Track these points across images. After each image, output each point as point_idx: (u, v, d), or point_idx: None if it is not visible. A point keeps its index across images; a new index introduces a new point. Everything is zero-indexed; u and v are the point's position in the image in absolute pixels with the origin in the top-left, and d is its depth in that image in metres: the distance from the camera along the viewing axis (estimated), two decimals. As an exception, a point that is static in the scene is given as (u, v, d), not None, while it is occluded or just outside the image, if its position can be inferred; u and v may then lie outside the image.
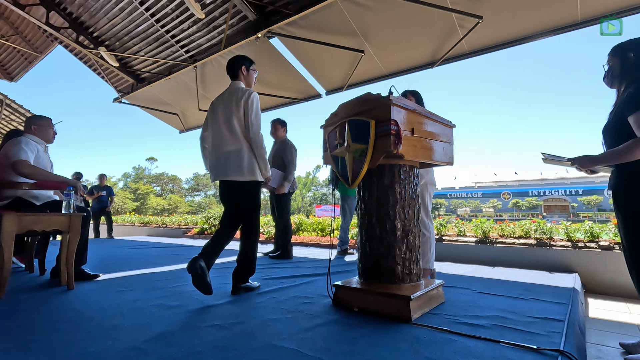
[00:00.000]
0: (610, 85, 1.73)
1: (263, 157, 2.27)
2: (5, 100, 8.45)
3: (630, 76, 1.58)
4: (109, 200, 7.59)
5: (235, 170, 2.23)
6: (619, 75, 1.64)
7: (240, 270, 2.25)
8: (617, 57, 1.65)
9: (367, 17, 3.89)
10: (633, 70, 1.57)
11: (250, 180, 2.25)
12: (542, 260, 3.54)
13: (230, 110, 2.27)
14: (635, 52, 1.59)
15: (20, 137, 2.38)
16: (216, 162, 2.31)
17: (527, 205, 42.35)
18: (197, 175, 56.49)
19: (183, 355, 1.21)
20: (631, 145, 1.45)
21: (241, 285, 2.26)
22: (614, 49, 1.68)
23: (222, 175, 2.26)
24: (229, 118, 2.26)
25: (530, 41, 3.65)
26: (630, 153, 1.45)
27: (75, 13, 5.60)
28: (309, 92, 5.44)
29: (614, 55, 1.67)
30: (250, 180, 2.25)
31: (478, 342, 1.37)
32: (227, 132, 2.26)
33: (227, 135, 2.26)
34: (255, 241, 2.31)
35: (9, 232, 2.02)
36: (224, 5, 4.66)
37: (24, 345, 1.29)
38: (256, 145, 2.25)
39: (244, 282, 2.28)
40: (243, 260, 2.27)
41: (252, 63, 2.53)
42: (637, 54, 1.59)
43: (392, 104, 1.69)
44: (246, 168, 2.23)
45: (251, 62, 2.52)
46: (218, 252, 2.16)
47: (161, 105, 6.92)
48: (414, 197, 1.91)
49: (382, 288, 1.76)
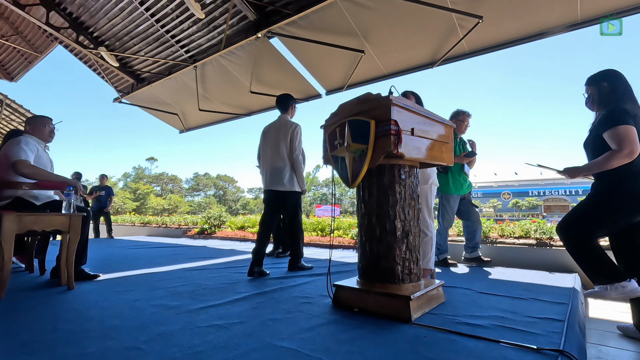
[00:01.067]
0: (592, 109, 2.04)
1: (301, 174, 3.04)
2: (5, 100, 8.45)
3: (605, 102, 1.92)
4: (108, 200, 7.59)
5: (278, 183, 2.98)
6: (597, 101, 1.97)
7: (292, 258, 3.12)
8: (594, 87, 1.98)
9: (367, 17, 3.89)
10: (607, 97, 1.91)
11: (290, 191, 3.01)
12: (542, 260, 3.54)
13: (279, 137, 3.03)
14: (608, 82, 1.93)
15: (19, 137, 2.38)
16: (266, 175, 3.05)
17: (527, 205, 42.33)
18: (197, 175, 56.49)
19: (183, 355, 1.21)
20: (607, 157, 1.77)
21: (296, 265, 3.11)
22: (590, 79, 2.01)
23: (269, 185, 3.01)
24: (278, 142, 3.02)
25: (530, 41, 3.65)
26: (607, 163, 1.76)
27: (75, 13, 5.60)
28: (309, 92, 5.45)
29: (591, 85, 2.00)
30: (290, 191, 3.01)
31: (478, 342, 1.37)
32: (276, 153, 3.00)
33: (276, 156, 3.00)
34: (297, 235, 3.10)
35: (9, 232, 2.02)
36: (224, 5, 4.67)
37: (24, 345, 1.29)
38: (296, 165, 3.01)
39: (296, 263, 3.11)
40: (292, 249, 3.12)
41: (295, 100, 3.28)
42: (609, 83, 1.92)
43: (392, 104, 1.69)
44: (287, 182, 2.99)
45: (295, 100, 3.28)
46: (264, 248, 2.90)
47: (161, 105, 6.92)
48: (414, 197, 1.91)
49: (382, 288, 1.76)
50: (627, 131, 1.71)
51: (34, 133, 2.53)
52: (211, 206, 44.65)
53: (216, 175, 57.23)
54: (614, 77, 1.94)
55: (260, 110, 6.33)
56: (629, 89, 1.90)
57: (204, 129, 7.57)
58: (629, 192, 1.76)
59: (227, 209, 46.81)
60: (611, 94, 1.90)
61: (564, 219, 1.96)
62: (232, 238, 6.78)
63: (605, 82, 1.94)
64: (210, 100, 6.23)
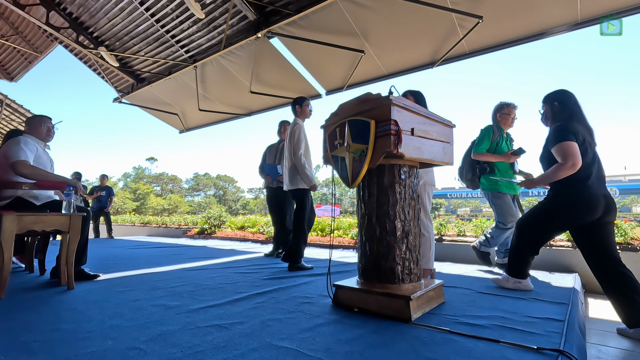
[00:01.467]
0: (546, 125, 2.29)
1: (303, 171, 3.09)
2: (5, 100, 8.46)
3: (556, 119, 2.18)
4: (108, 200, 7.59)
5: (284, 183, 3.27)
6: (550, 118, 2.23)
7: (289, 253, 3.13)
8: (547, 105, 2.24)
9: (367, 17, 3.89)
10: (558, 115, 2.17)
11: (293, 189, 3.18)
12: (542, 260, 3.54)
13: (288, 140, 3.22)
14: (559, 101, 2.17)
15: (19, 137, 2.38)
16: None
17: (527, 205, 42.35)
18: (197, 175, 56.51)
19: (183, 355, 1.21)
20: (555, 169, 2.03)
21: (296, 265, 3.08)
22: (545, 98, 2.26)
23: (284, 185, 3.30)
24: (287, 145, 3.23)
25: (530, 41, 3.65)
26: (555, 174, 2.03)
27: (75, 13, 5.60)
28: (309, 92, 5.44)
29: (545, 103, 2.26)
30: (293, 189, 3.18)
31: (478, 342, 1.37)
32: (287, 155, 3.22)
33: (286, 158, 3.24)
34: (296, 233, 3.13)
35: (9, 232, 2.02)
36: (224, 5, 4.67)
37: (24, 345, 1.29)
38: (297, 162, 3.10)
39: (296, 263, 3.08)
40: (291, 246, 3.14)
41: (304, 100, 3.34)
42: (559, 103, 2.16)
43: (392, 104, 1.69)
44: (290, 180, 3.18)
45: (304, 99, 3.34)
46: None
47: (161, 105, 6.92)
48: (414, 197, 1.91)
49: (382, 288, 1.76)
50: (568, 147, 1.98)
51: (32, 133, 2.53)
52: (211, 206, 44.65)
53: (216, 175, 57.25)
54: (565, 96, 2.18)
55: (260, 110, 6.33)
56: (577, 108, 2.14)
57: (204, 129, 7.57)
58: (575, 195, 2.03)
59: (227, 209, 46.82)
60: (560, 112, 2.16)
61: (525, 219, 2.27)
62: (232, 238, 6.78)
63: (556, 102, 2.19)
64: (210, 100, 6.23)
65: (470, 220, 6.51)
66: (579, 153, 1.98)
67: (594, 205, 1.97)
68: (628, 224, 3.53)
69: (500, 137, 3.15)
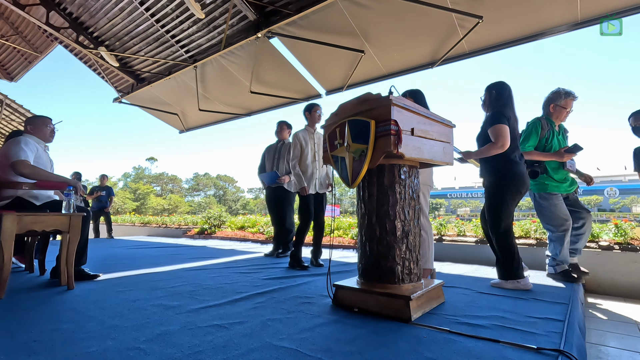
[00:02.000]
0: (484, 110, 2.62)
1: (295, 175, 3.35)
2: (5, 100, 8.45)
3: (492, 105, 2.53)
4: (108, 200, 7.59)
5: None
6: (487, 104, 2.57)
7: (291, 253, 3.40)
8: (487, 93, 2.58)
9: (367, 17, 3.89)
10: (493, 102, 2.52)
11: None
12: (542, 260, 3.53)
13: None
14: (496, 90, 2.51)
15: (19, 137, 2.38)
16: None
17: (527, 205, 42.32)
18: (197, 175, 56.51)
19: (183, 355, 1.21)
20: (487, 147, 2.40)
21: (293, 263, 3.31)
22: (486, 87, 2.58)
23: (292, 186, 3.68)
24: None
25: (530, 41, 3.65)
26: (487, 151, 2.39)
27: (75, 13, 5.60)
28: (309, 92, 5.45)
29: (486, 91, 2.59)
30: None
31: (478, 342, 1.37)
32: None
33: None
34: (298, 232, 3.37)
35: (9, 232, 2.02)
36: (224, 5, 4.66)
37: (24, 345, 1.29)
38: (292, 170, 3.38)
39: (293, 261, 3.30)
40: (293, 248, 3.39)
41: (314, 106, 3.46)
42: (496, 92, 2.51)
43: (392, 104, 1.69)
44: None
45: (314, 105, 3.46)
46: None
47: (161, 105, 6.92)
48: (414, 197, 1.91)
49: (382, 288, 1.76)
50: (501, 129, 2.33)
51: (35, 133, 2.53)
52: (211, 206, 44.65)
53: (216, 175, 57.26)
54: (501, 87, 2.50)
55: (260, 110, 6.33)
56: (510, 99, 2.49)
57: (204, 129, 7.57)
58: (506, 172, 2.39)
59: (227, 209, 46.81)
60: (497, 100, 2.49)
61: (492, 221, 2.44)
62: (232, 238, 6.78)
63: (494, 90, 2.52)
64: (210, 100, 6.23)
65: (470, 220, 6.51)
66: (508, 135, 2.33)
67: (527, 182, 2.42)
68: (628, 224, 3.53)
69: (551, 132, 2.77)
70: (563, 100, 2.75)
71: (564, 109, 2.76)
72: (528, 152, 2.76)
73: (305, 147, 3.37)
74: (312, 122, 3.46)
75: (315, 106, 3.45)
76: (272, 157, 4.20)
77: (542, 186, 2.78)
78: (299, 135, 3.40)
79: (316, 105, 3.46)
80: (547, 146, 2.78)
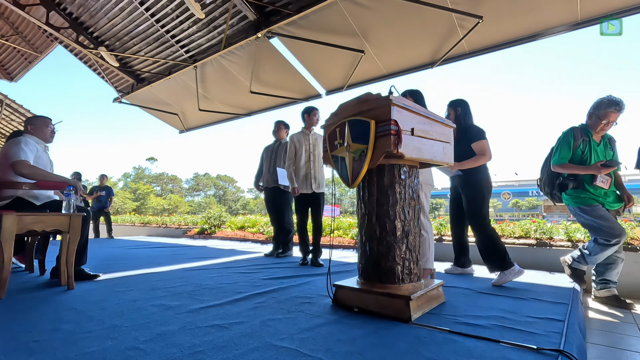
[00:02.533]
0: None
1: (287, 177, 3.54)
2: (5, 100, 8.45)
3: (460, 121, 2.87)
4: (108, 200, 7.59)
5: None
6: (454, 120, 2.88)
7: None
8: (452, 109, 2.93)
9: (367, 17, 3.89)
10: (460, 118, 2.88)
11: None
12: (542, 260, 3.54)
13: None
14: (462, 107, 2.89)
15: (19, 137, 2.38)
16: None
17: (527, 205, 42.35)
18: (197, 175, 56.50)
19: (183, 355, 1.21)
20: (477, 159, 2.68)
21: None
22: (450, 104, 2.97)
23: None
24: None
25: (530, 41, 3.65)
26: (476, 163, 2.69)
27: (75, 13, 5.60)
28: (309, 92, 5.45)
29: (450, 107, 2.95)
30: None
31: (478, 342, 1.37)
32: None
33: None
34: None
35: (9, 232, 2.02)
36: (224, 5, 4.66)
37: (24, 345, 1.29)
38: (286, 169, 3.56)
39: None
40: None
41: (312, 110, 3.58)
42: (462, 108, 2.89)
43: (392, 104, 1.69)
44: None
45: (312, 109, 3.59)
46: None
47: (161, 105, 6.92)
48: (414, 197, 1.91)
49: (382, 288, 1.76)
50: (486, 144, 2.71)
51: (36, 133, 2.54)
52: (211, 206, 44.65)
53: (216, 175, 57.25)
54: (464, 105, 2.89)
55: (260, 110, 6.33)
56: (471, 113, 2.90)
57: (204, 129, 7.57)
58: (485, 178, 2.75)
59: (227, 209, 46.81)
60: (464, 117, 2.87)
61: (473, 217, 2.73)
62: (232, 238, 6.77)
63: (459, 107, 2.89)
64: (210, 100, 6.23)
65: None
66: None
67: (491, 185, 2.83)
68: (628, 224, 3.53)
69: (587, 143, 2.54)
70: (602, 110, 2.47)
71: (601, 121, 2.48)
72: (561, 164, 2.58)
73: (300, 148, 3.49)
74: (309, 124, 3.57)
75: (314, 109, 3.56)
76: (269, 157, 4.20)
77: (579, 199, 2.56)
78: (293, 138, 3.53)
79: (315, 109, 3.57)
80: (584, 157, 2.53)
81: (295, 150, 3.52)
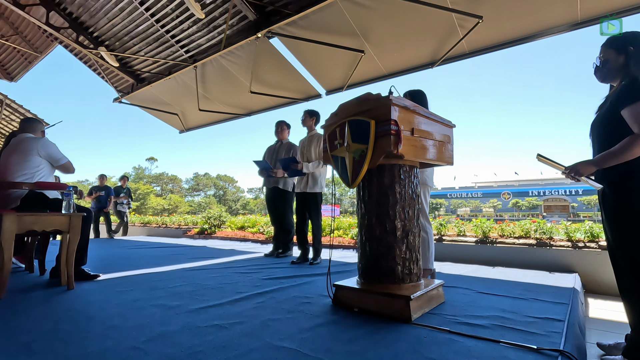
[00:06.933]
0: (603, 79, 1.59)
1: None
2: (5, 100, 8.45)
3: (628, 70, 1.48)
4: (107, 200, 7.58)
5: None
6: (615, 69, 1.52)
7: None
8: (614, 50, 1.53)
9: (367, 17, 3.89)
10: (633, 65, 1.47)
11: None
12: (542, 260, 3.54)
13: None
14: (635, 46, 1.48)
15: (48, 140, 2.56)
16: None
17: (527, 205, 42.35)
18: (197, 175, 56.50)
19: (183, 355, 1.21)
20: (628, 143, 1.34)
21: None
22: (611, 41, 1.56)
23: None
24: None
25: (530, 41, 3.65)
26: (629, 152, 1.34)
27: (75, 13, 5.60)
28: (309, 92, 5.44)
29: (611, 48, 1.54)
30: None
31: (478, 342, 1.37)
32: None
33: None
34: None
35: (9, 232, 2.02)
36: (224, 5, 4.66)
37: (24, 345, 1.29)
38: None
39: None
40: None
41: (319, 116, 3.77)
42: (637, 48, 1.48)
43: (392, 104, 1.69)
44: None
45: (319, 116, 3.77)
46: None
47: (161, 105, 6.92)
48: (414, 197, 1.91)
49: (382, 288, 1.76)
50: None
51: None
52: (211, 206, 44.65)
53: (216, 175, 57.25)
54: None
55: (260, 110, 6.33)
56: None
57: (204, 129, 7.57)
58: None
59: (227, 209, 46.83)
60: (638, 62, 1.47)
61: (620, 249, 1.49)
62: (232, 238, 6.77)
63: (631, 47, 1.49)
64: (210, 100, 6.23)
65: (470, 220, 6.51)
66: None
67: None
68: None
69: None
70: None
71: None
72: None
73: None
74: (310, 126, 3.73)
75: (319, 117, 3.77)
76: (270, 157, 4.20)
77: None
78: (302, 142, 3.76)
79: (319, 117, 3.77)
80: None
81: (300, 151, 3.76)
